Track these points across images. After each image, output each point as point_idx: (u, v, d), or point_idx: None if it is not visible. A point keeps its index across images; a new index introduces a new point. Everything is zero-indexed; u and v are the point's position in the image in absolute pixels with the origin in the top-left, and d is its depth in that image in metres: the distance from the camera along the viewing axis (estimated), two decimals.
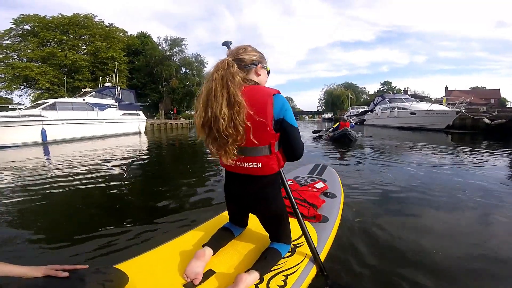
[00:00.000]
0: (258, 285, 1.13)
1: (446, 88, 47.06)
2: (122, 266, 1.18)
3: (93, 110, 16.45)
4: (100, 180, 4.23)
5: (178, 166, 5.83)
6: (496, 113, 13.05)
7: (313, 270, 1.33)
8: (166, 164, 6.49)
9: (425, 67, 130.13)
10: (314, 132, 10.16)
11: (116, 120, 17.92)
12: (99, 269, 1.04)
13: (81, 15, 27.25)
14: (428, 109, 14.54)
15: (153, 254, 1.34)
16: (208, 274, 1.19)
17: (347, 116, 34.54)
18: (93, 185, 3.90)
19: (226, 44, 1.44)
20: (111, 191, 3.59)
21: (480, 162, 5.06)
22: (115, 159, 6.74)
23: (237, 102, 1.02)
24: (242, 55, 1.17)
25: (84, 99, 16.44)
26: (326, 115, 50.04)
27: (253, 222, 1.45)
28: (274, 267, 1.24)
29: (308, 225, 1.56)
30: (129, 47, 33.98)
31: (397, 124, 16.98)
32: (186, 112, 57.68)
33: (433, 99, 23.08)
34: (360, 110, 31.62)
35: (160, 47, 36.76)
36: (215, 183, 3.75)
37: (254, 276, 1.12)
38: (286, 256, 1.33)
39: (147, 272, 1.20)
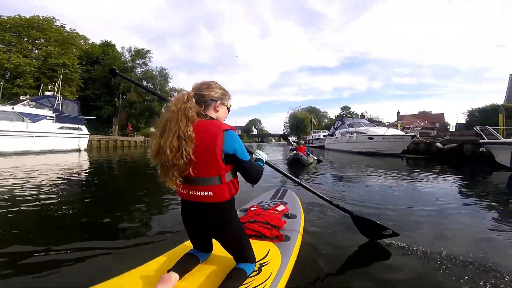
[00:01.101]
0: None
1: (398, 112, 50.76)
2: None
3: (22, 121, 14.14)
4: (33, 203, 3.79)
5: (130, 190, 5.49)
6: (448, 137, 13.70)
7: (280, 285, 1.41)
8: (110, 187, 5.91)
9: (381, 92, 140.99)
10: (284, 138, 10.81)
11: (50, 134, 15.57)
12: None
13: (41, 18, 25.35)
14: (385, 134, 14.86)
15: (119, 280, 1.35)
16: None
17: (309, 139, 35.44)
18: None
19: (112, 73, 1.77)
20: (52, 213, 3.33)
21: (437, 187, 5.42)
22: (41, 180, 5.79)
23: (187, 136, 1.13)
24: (203, 91, 1.28)
25: (13, 108, 14.07)
26: (290, 139, 50.84)
27: (218, 246, 1.45)
28: (242, 286, 1.29)
29: (272, 245, 1.75)
30: (88, 55, 31.97)
31: (356, 149, 17.18)
32: (147, 129, 54.84)
33: (386, 124, 24.13)
34: (322, 134, 32.40)
35: (122, 57, 34.74)
36: (176, 209, 3.56)
37: None
38: (252, 275, 1.38)
39: None
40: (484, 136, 9.61)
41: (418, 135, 13.74)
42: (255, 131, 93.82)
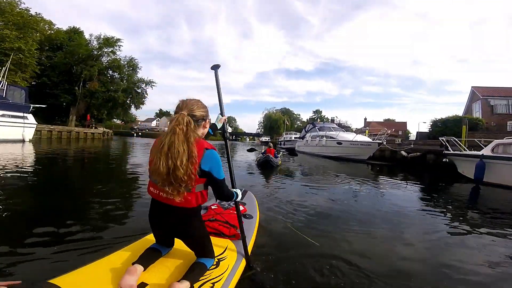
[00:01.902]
0: None
1: (365, 119, 52.39)
2: (55, 281, 1.23)
3: None
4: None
5: (90, 184, 5.13)
6: (412, 146, 13.82)
7: (235, 278, 1.63)
8: (58, 181, 5.54)
9: (350, 99, 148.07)
10: (248, 150, 10.97)
11: None
12: (33, 284, 1.17)
13: (3, 1, 22.66)
14: (353, 140, 14.82)
15: (85, 270, 1.40)
16: (141, 286, 1.32)
17: (280, 141, 35.17)
18: None
19: (215, 68, 1.94)
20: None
21: (400, 194, 5.81)
22: None
23: (193, 156, 1.29)
24: (195, 112, 1.41)
25: None
26: (263, 138, 50.37)
27: (178, 242, 1.61)
28: (202, 277, 1.46)
29: (229, 242, 1.96)
30: (51, 41, 29.19)
31: (325, 153, 17.04)
32: (113, 121, 51.19)
33: (354, 129, 24.34)
34: (293, 136, 32.22)
35: (90, 45, 31.82)
36: (137, 204, 3.72)
37: (186, 284, 1.32)
38: (211, 268, 1.57)
39: (82, 286, 1.27)
40: (449, 147, 9.57)
41: (384, 143, 13.72)
42: (229, 129, 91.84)
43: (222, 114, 1.94)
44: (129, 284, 1.27)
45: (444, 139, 10.06)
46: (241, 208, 2.55)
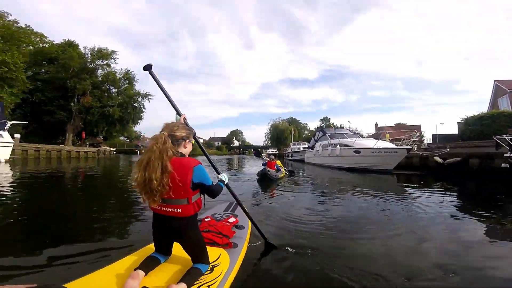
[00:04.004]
0: None
1: (376, 124, 49.07)
2: (69, 285, 1.40)
3: None
4: None
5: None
6: (448, 150, 11.34)
7: (228, 282, 1.76)
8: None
9: (357, 105, 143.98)
10: (255, 155, 11.36)
11: None
12: (47, 285, 1.34)
13: None
14: (375, 147, 12.38)
15: (93, 276, 1.58)
16: None
17: (288, 152, 32.90)
18: None
19: (147, 68, 2.07)
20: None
21: (438, 209, 4.62)
22: None
23: (167, 170, 1.51)
24: (175, 132, 1.66)
25: None
26: (270, 151, 48.02)
27: (176, 250, 1.82)
28: (197, 281, 1.61)
29: (222, 251, 2.09)
30: (44, 55, 28.19)
31: (339, 164, 14.58)
32: (120, 138, 49.91)
33: (366, 136, 21.68)
34: (301, 146, 29.90)
35: (85, 57, 30.53)
36: (138, 217, 3.97)
37: (182, 286, 1.48)
38: (206, 273, 1.72)
39: None
40: (507, 147, 7.23)
41: (415, 148, 11.35)
42: (236, 143, 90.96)
43: (179, 114, 2.14)
44: (132, 287, 1.42)
45: (498, 138, 7.74)
46: (234, 219, 2.78)
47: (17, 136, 19.59)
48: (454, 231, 3.44)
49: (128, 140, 58.55)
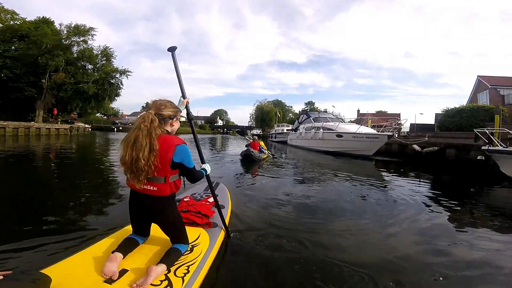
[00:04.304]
0: (167, 274, 1.49)
1: (358, 110, 49.53)
2: (46, 271, 1.37)
3: None
4: None
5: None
6: (426, 139, 11.48)
7: (208, 261, 1.79)
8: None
9: (343, 92, 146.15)
10: (238, 132, 13.68)
11: None
12: (24, 272, 1.27)
13: None
14: (357, 132, 12.42)
15: (71, 260, 1.55)
16: (122, 272, 1.46)
17: (272, 133, 32.71)
18: None
19: (172, 49, 2.01)
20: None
21: (413, 197, 4.64)
22: None
23: (154, 150, 1.47)
24: (162, 111, 1.62)
25: None
26: (255, 131, 47.69)
27: (155, 231, 1.79)
28: (177, 261, 1.62)
29: (202, 230, 2.10)
30: (15, 32, 26.14)
31: (321, 147, 14.67)
32: (97, 115, 47.31)
33: (347, 121, 21.65)
34: (285, 128, 29.75)
35: (60, 34, 28.42)
36: (114, 197, 3.90)
37: (162, 267, 1.49)
38: (185, 253, 1.72)
39: (69, 274, 1.41)
40: (485, 140, 7.33)
41: (396, 135, 11.40)
42: (220, 122, 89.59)
43: (184, 96, 2.01)
44: (111, 270, 1.41)
45: (478, 131, 7.81)
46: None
47: None
48: (425, 219, 3.47)
49: (105, 117, 55.89)
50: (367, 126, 15.08)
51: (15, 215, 3.06)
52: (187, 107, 2.00)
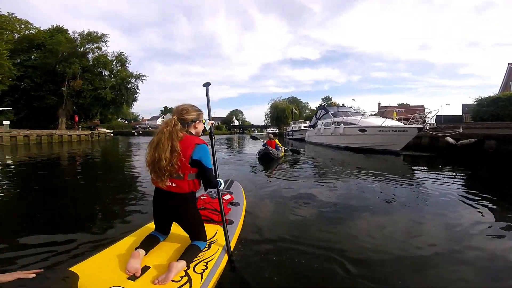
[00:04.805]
0: (187, 271, 1.55)
1: (379, 104, 47.98)
2: (74, 269, 1.44)
3: None
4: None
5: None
6: (461, 130, 10.51)
7: (225, 258, 1.86)
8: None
9: (359, 86, 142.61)
10: (252, 138, 11.57)
11: None
12: (54, 270, 1.44)
13: None
14: (383, 125, 11.54)
15: (96, 258, 1.64)
16: (145, 268, 1.53)
17: (288, 131, 32.04)
18: None
19: (206, 85, 2.40)
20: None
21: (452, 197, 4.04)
22: None
23: (176, 151, 1.59)
24: (184, 116, 1.74)
25: None
26: (270, 129, 47.11)
27: (175, 228, 1.89)
28: (196, 258, 1.69)
29: (219, 227, 2.18)
30: (31, 41, 27.17)
31: (343, 143, 13.81)
32: (119, 120, 48.99)
33: (368, 115, 20.44)
34: (302, 125, 28.98)
35: (74, 42, 29.42)
36: (136, 199, 3.93)
37: (182, 263, 1.55)
38: (204, 250, 1.80)
39: (96, 271, 1.49)
40: None
41: (427, 127, 10.51)
42: (236, 122, 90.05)
43: (209, 119, 2.21)
44: (135, 267, 1.48)
45: None
46: (229, 196, 2.87)
47: (6, 123, 19.15)
48: (459, 219, 3.07)
49: (126, 122, 57.59)
50: (392, 118, 14.13)
51: (43, 217, 3.21)
52: (210, 127, 2.17)
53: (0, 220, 3.20)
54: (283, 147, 10.10)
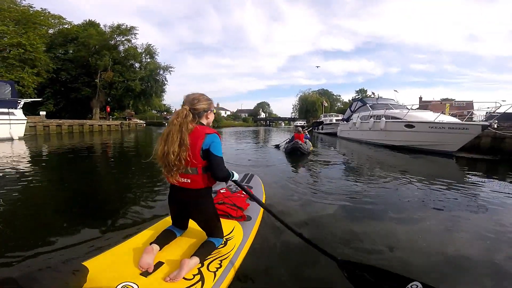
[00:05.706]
0: (200, 269, 1.48)
1: (420, 98, 44.10)
2: (87, 263, 1.41)
3: None
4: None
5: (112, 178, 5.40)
6: None
7: (241, 256, 1.75)
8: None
9: (397, 78, 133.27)
10: (275, 147, 10.49)
11: None
12: (65, 263, 1.38)
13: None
14: (436, 121, 9.65)
15: (111, 252, 1.60)
16: (158, 264, 1.47)
17: (317, 123, 30.25)
18: None
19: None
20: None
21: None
22: None
23: (185, 144, 1.48)
24: (196, 105, 1.60)
25: None
26: (298, 123, 45.32)
27: (193, 223, 1.77)
28: (211, 255, 1.60)
29: (236, 224, 2.09)
30: (65, 35, 28.67)
31: (383, 140, 12.07)
32: (149, 111, 51.04)
33: (410, 107, 17.97)
34: (334, 118, 27.05)
35: (105, 35, 30.59)
36: (155, 192, 3.86)
37: (195, 260, 1.48)
38: (219, 247, 1.71)
39: (108, 266, 1.45)
40: None
41: (495, 125, 8.63)
42: (263, 115, 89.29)
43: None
44: (147, 262, 1.43)
45: None
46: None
47: (43, 113, 19.94)
48: None
49: (158, 113, 59.65)
50: (445, 113, 12.11)
51: (63, 209, 3.25)
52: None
53: (23, 208, 3.27)
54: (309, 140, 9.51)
